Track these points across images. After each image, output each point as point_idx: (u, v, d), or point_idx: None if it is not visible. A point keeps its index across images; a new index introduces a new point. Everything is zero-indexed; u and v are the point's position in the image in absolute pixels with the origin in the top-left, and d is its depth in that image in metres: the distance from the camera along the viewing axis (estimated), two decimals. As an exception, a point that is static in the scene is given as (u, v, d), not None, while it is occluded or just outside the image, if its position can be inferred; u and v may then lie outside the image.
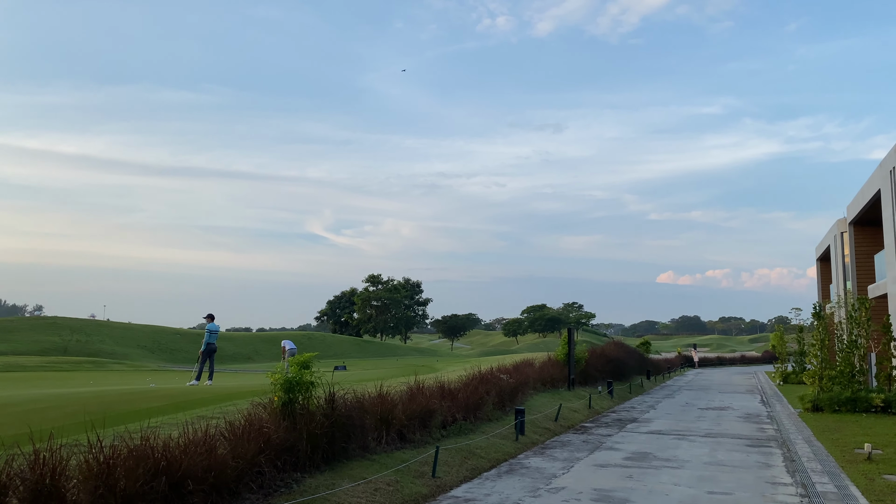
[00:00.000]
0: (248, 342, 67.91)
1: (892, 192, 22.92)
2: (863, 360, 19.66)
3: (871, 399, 18.52)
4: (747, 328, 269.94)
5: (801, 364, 35.15)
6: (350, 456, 9.39)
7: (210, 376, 19.46)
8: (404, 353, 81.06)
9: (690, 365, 58.69)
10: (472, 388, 14.15)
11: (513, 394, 16.01)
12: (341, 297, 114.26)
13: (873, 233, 31.21)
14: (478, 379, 15.09)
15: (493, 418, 14.15)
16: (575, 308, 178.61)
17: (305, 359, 9.50)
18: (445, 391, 13.38)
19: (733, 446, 13.44)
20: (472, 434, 12.52)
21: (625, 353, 30.77)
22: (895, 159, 22.52)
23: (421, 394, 12.30)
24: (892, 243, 23.22)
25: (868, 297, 20.43)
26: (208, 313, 19.31)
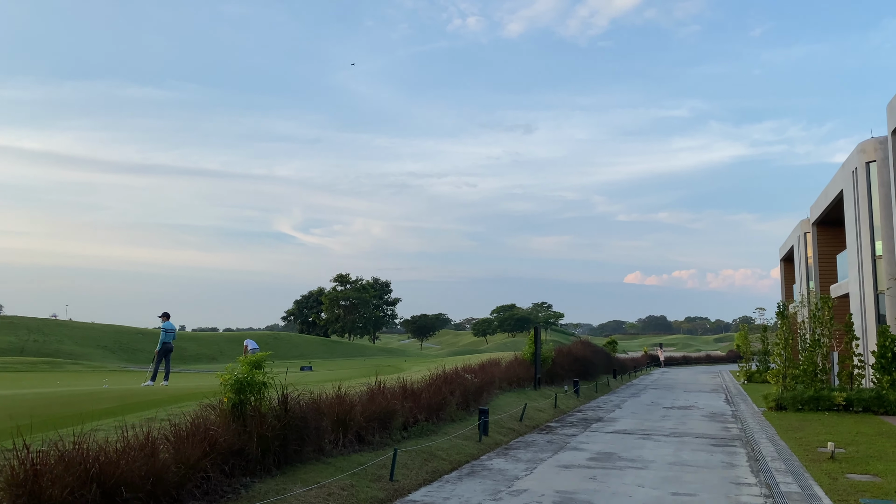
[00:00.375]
0: (213, 342, 66.75)
1: (854, 193, 23.17)
2: (825, 359, 19.80)
3: (833, 398, 18.63)
4: (712, 328, 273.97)
5: (764, 363, 35.54)
6: (304, 459, 9.01)
7: (166, 377, 18.86)
8: (372, 353, 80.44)
9: (657, 364, 59.15)
10: (436, 389, 13.83)
11: (477, 394, 15.74)
12: (309, 296, 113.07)
13: (836, 233, 31.64)
14: (441, 379, 14.78)
15: (456, 419, 13.85)
16: (544, 308, 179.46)
17: (258, 358, 9.09)
18: (408, 391, 13.04)
19: (698, 446, 13.33)
20: (435, 435, 12.21)
21: (591, 352, 30.74)
22: (857, 161, 22.77)
23: (381, 394, 11.95)
24: (854, 243, 23.48)
25: (831, 297, 20.60)
26: (164, 312, 18.72)
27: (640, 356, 59.74)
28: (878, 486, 9.40)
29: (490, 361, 21.59)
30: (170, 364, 19.04)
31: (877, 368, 19.02)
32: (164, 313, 18.72)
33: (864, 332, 22.02)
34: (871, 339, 21.69)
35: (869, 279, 21.99)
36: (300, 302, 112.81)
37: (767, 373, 33.22)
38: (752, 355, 40.54)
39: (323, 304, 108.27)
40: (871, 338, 21.70)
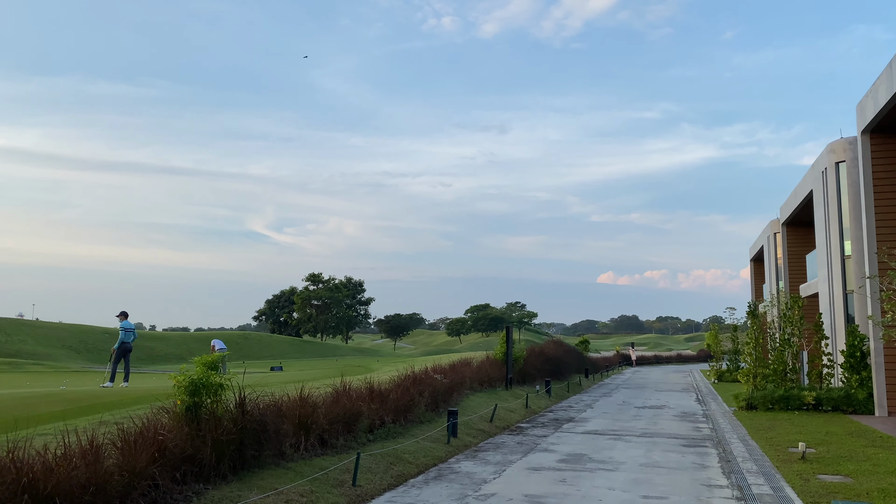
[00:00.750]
0: (182, 342, 65.61)
1: (824, 194, 23.29)
2: (795, 359, 19.83)
3: (803, 397, 18.65)
4: (683, 327, 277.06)
5: (735, 362, 35.75)
6: (263, 464, 8.62)
7: (126, 377, 18.27)
8: (345, 353, 79.77)
9: (628, 363, 59.41)
10: (404, 389, 13.50)
11: (447, 394, 15.43)
12: (281, 296, 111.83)
13: (805, 233, 31.90)
14: (410, 379, 14.45)
15: (425, 420, 13.53)
16: (518, 307, 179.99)
17: (213, 359, 8.69)
18: (374, 393, 12.69)
19: (669, 447, 13.17)
20: (402, 438, 11.88)
21: (564, 351, 30.63)
22: (827, 161, 22.89)
23: (347, 396, 11.59)
24: (823, 243, 23.61)
25: (801, 297, 20.65)
26: (121, 311, 18.15)
27: (612, 355, 59.94)
28: (849, 487, 9.28)
29: (461, 361, 21.32)
30: (129, 364, 18.44)
31: (846, 368, 19.08)
32: (121, 312, 18.14)
33: (833, 331, 22.14)
34: (839, 338, 21.80)
35: (838, 279, 22.10)
36: (272, 301, 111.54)
37: (738, 372, 33.45)
38: (722, 355, 40.77)
39: (295, 304, 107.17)
40: (839, 337, 21.81)
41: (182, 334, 71.64)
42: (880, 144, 18.43)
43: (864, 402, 18.15)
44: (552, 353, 28.10)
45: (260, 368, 53.46)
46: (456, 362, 20.64)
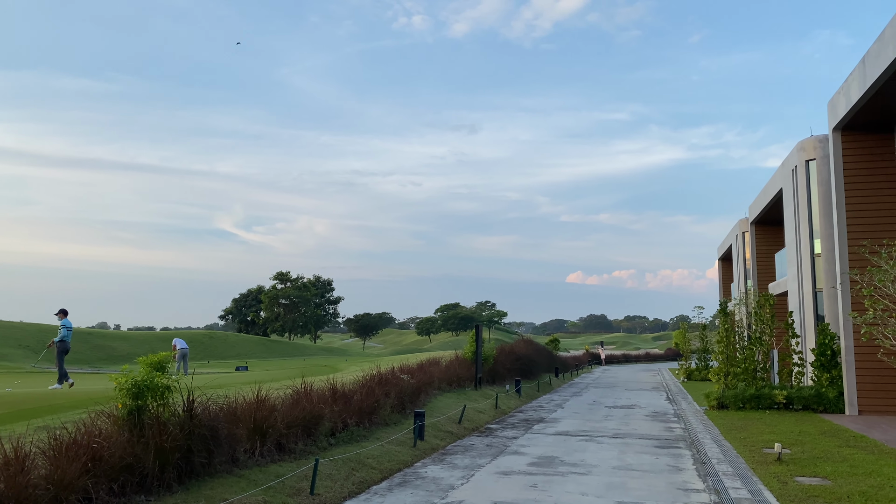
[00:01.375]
0: (145, 341, 64.00)
1: (793, 192, 23.25)
2: (766, 357, 19.69)
3: (774, 396, 18.49)
4: (651, 326, 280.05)
5: (704, 361, 35.78)
6: (213, 472, 8.00)
7: (66, 377, 17.37)
8: (313, 352, 78.68)
9: (598, 362, 59.44)
10: (369, 391, 12.94)
11: (414, 395, 14.90)
12: (248, 294, 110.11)
13: (774, 232, 31.99)
14: (376, 380, 13.89)
15: (391, 422, 12.98)
16: (488, 307, 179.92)
17: (159, 359, 8.06)
18: (338, 394, 12.11)
19: (642, 448, 12.80)
20: (366, 441, 11.32)
21: (534, 350, 30.29)
22: (797, 159, 22.84)
23: (307, 398, 10.99)
24: (792, 241, 23.57)
25: (771, 295, 20.53)
26: (61, 309, 17.27)
27: (581, 354, 59.94)
28: (829, 490, 8.96)
29: (430, 361, 20.80)
30: (63, 365, 17.53)
31: (816, 366, 18.98)
32: (61, 310, 17.26)
33: (802, 329, 22.09)
34: (809, 336, 21.75)
35: (808, 277, 22.05)
36: (239, 300, 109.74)
37: (709, 371, 33.47)
38: (691, 353, 40.88)
39: (263, 303, 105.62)
40: (809, 335, 21.76)
41: (145, 333, 70.01)
42: (852, 142, 18.34)
43: (835, 400, 18.05)
44: (522, 352, 27.72)
45: (225, 368, 52.33)
46: (424, 362, 20.12)
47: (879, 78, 14.93)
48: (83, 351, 58.51)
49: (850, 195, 18.25)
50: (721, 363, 19.73)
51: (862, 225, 18.10)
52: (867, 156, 18.28)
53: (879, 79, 14.98)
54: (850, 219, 18.19)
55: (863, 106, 16.77)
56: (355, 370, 24.69)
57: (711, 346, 37.28)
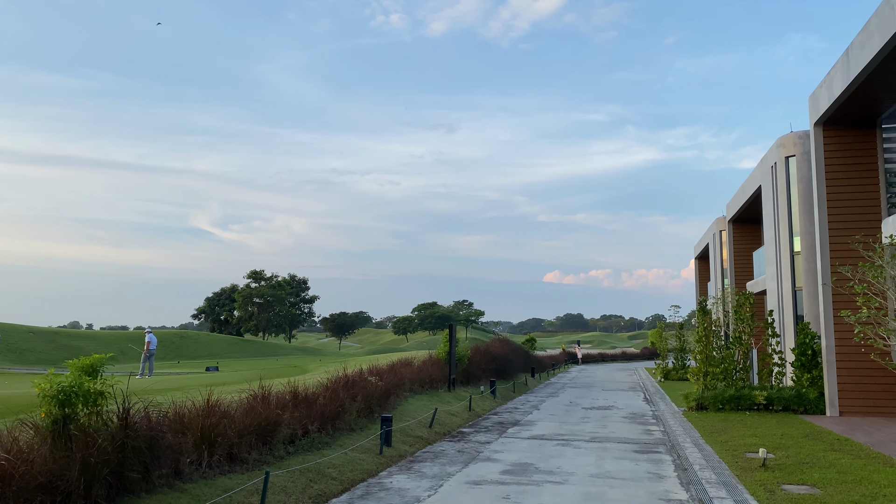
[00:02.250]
0: (113, 341, 62.46)
1: (773, 189, 22.88)
2: (745, 357, 19.26)
3: (754, 397, 18.04)
4: (626, 325, 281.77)
5: (681, 360, 35.46)
6: (152, 487, 7.23)
7: None
8: (287, 352, 77.47)
9: (574, 362, 59.10)
10: (333, 394, 12.20)
11: (383, 398, 14.18)
12: (221, 293, 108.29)
13: (752, 231, 31.72)
14: (341, 382, 13.14)
15: (356, 428, 12.25)
16: (465, 306, 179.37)
17: (92, 362, 7.27)
18: (299, 398, 11.36)
19: (621, 453, 12.21)
20: (328, 449, 10.58)
21: (510, 350, 29.67)
22: (776, 156, 22.47)
23: (264, 403, 10.23)
24: (772, 239, 23.21)
25: (752, 293, 20.10)
26: None
27: (558, 353, 59.57)
28: (819, 500, 8.41)
29: (401, 361, 20.08)
30: None
31: (796, 366, 18.57)
32: None
33: (782, 329, 21.72)
34: (788, 336, 21.39)
35: (787, 276, 21.69)
36: (212, 299, 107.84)
37: (686, 370, 33.13)
38: (667, 353, 40.58)
39: (236, 302, 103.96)
40: (788, 335, 21.41)
41: (114, 333, 68.36)
42: (834, 137, 17.94)
43: (816, 401, 17.64)
44: (498, 351, 27.08)
45: (195, 368, 51.10)
46: (395, 363, 19.40)
47: (864, 69, 14.50)
48: (47, 351, 56.90)
49: (831, 191, 17.86)
50: (700, 363, 19.24)
51: (843, 222, 17.72)
52: (849, 151, 17.90)
53: (864, 70, 14.55)
54: (832, 215, 17.79)
55: (846, 99, 16.35)
56: (324, 371, 23.88)
57: (689, 345, 37.00)
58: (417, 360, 20.95)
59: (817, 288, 20.49)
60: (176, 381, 25.99)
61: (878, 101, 16.55)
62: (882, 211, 17.50)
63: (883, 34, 13.42)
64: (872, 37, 13.97)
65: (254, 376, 29.34)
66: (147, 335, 29.63)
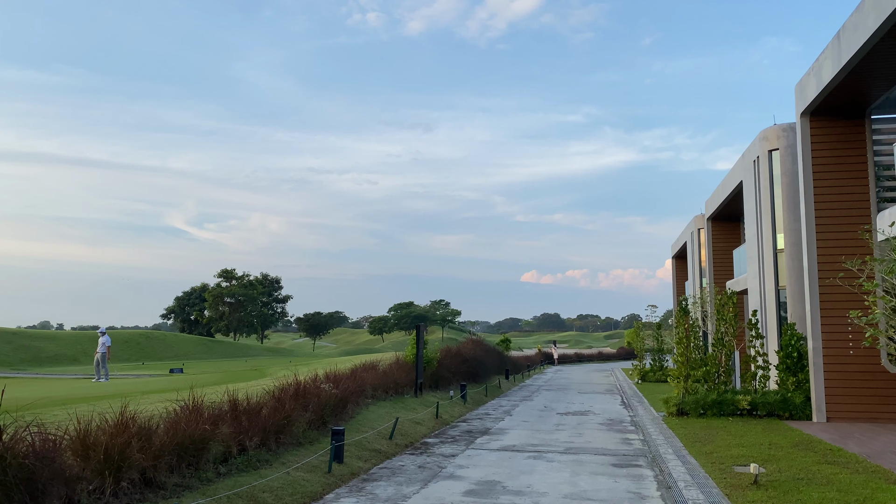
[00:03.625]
0: (75, 341, 60.34)
1: (755, 184, 21.99)
2: (728, 359, 18.30)
3: (737, 402, 17.09)
4: (603, 325, 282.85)
5: (658, 361, 34.62)
6: (33, 526, 5.94)
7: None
8: (257, 353, 75.69)
9: (551, 362, 58.20)
10: (279, 403, 10.94)
11: (339, 407, 12.94)
12: (191, 293, 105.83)
13: (731, 228, 30.94)
14: (291, 391, 11.87)
15: (305, 442, 11.01)
16: (442, 306, 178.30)
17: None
18: (239, 409, 10.10)
19: (598, 467, 11.11)
20: (268, 468, 9.33)
21: (482, 351, 28.50)
22: (759, 149, 21.58)
23: (193, 416, 8.95)
24: (753, 236, 22.34)
25: (735, 292, 19.17)
26: None
27: (534, 354, 58.64)
28: (824, 527, 7.36)
29: (365, 365, 18.84)
30: None
31: (781, 369, 17.67)
32: None
33: (765, 329, 20.83)
34: (772, 337, 20.51)
35: (770, 274, 20.81)
36: (182, 299, 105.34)
37: (664, 371, 32.28)
38: (644, 353, 39.77)
39: (206, 301, 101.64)
40: (771, 336, 20.52)
41: (76, 333, 66.15)
42: (821, 128, 17.04)
43: (802, 406, 16.73)
44: (470, 353, 25.91)
45: (158, 371, 49.36)
46: (357, 367, 18.16)
47: (857, 53, 13.55)
48: (6, 353, 54.74)
49: (818, 185, 16.95)
50: (680, 365, 18.24)
51: (831, 217, 16.83)
52: (837, 143, 17.01)
53: (857, 54, 13.61)
54: (819, 210, 16.89)
55: (835, 87, 15.44)
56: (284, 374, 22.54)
57: (667, 345, 36.20)
58: (383, 363, 19.73)
59: (803, 287, 19.63)
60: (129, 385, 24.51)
61: (869, 89, 15.66)
62: (871, 206, 16.64)
63: (879, 13, 12.47)
64: (867, 17, 13.02)
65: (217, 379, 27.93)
66: (101, 336, 28.05)
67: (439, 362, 21.67)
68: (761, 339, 18.20)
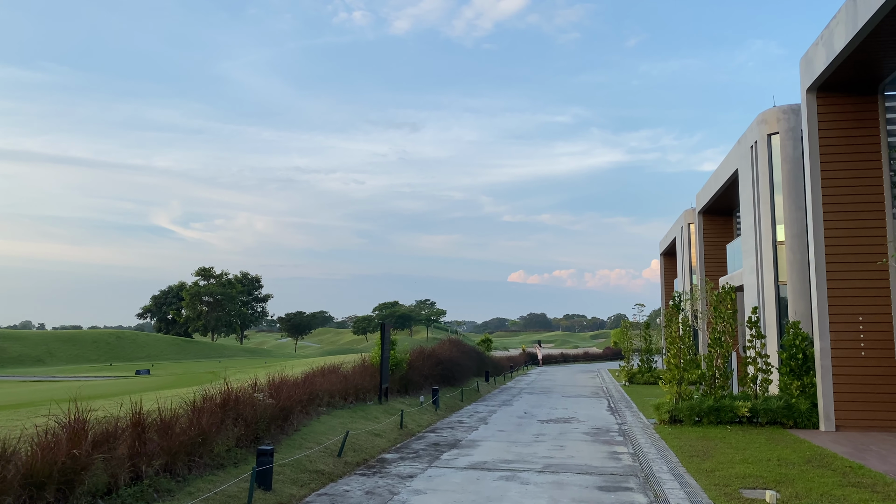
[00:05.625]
0: (41, 341, 57.99)
1: (752, 171, 20.34)
2: (725, 361, 16.62)
3: (736, 408, 15.42)
4: (589, 325, 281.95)
5: (647, 362, 32.98)
6: None
7: None
8: (234, 353, 73.48)
9: (535, 363, 56.49)
10: (199, 417, 9.09)
11: (279, 419, 11.09)
12: (168, 291, 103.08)
13: (724, 222, 29.37)
14: (220, 401, 10.01)
15: (229, 463, 9.16)
16: (427, 305, 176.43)
17: None
18: (143, 424, 8.23)
19: (580, 491, 9.33)
20: (168, 499, 7.48)
21: (460, 352, 26.65)
22: (757, 134, 19.93)
23: (75, 434, 7.08)
24: (750, 228, 20.70)
25: (733, 288, 17.49)
26: None
27: (518, 354, 56.91)
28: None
29: (325, 369, 17.00)
30: None
31: (784, 372, 16.01)
32: None
33: (763, 329, 19.18)
34: (771, 336, 18.87)
35: (769, 269, 19.16)
36: (159, 298, 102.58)
37: (652, 373, 30.61)
38: (632, 353, 38.13)
39: (184, 301, 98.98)
40: (770, 335, 18.88)
41: (42, 333, 63.70)
42: (830, 105, 15.39)
43: (807, 413, 15.08)
44: (446, 355, 24.06)
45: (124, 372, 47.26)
46: (315, 371, 16.31)
47: (878, 13, 11.87)
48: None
49: (826, 169, 15.30)
50: (673, 368, 16.51)
51: (840, 203, 15.18)
52: (846, 122, 15.36)
53: (877, 14, 11.92)
54: (827, 196, 15.24)
55: (847, 58, 13.77)
56: (240, 378, 20.63)
57: (655, 345, 34.58)
58: (347, 367, 17.89)
59: (806, 282, 18.00)
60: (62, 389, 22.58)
61: (885, 59, 14.00)
62: (885, 191, 15.00)
63: (907, -38, 10.80)
64: (890, -31, 11.34)
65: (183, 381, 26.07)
66: None
67: (410, 364, 19.85)
68: (763, 338, 16.52)
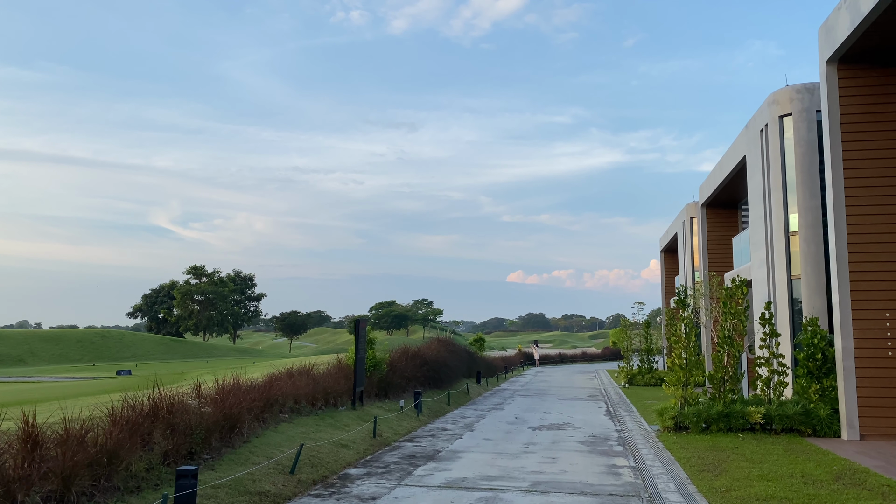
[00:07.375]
0: (24, 341, 56.38)
1: (762, 157, 18.81)
2: (736, 362, 15.10)
3: (748, 414, 13.91)
4: (588, 325, 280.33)
5: (647, 363, 31.47)
6: None
7: None
8: (224, 353, 71.90)
9: (531, 363, 54.95)
10: (119, 429, 7.56)
11: (218, 430, 9.54)
12: (160, 290, 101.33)
13: (729, 215, 27.86)
14: (144, 409, 8.47)
15: (150, 484, 7.62)
16: (424, 305, 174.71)
17: None
18: (36, 439, 6.71)
19: (574, 519, 7.81)
20: (51, 538, 5.94)
21: (448, 352, 25.05)
22: (768, 115, 18.41)
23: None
24: (759, 218, 19.19)
25: (744, 280, 15.98)
26: None
27: (513, 354, 55.40)
28: None
29: (295, 370, 15.47)
30: None
31: (801, 375, 14.50)
32: None
33: (776, 326, 17.65)
34: (784, 334, 17.35)
35: (782, 261, 17.65)
36: (150, 296, 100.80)
37: (653, 374, 29.11)
38: (631, 353, 36.62)
39: (175, 299, 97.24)
40: (783, 333, 17.36)
41: (24, 332, 62.09)
42: (853, 78, 13.88)
43: (828, 420, 13.58)
44: (432, 355, 22.49)
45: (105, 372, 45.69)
46: (281, 372, 14.77)
47: (915, -38, 10.37)
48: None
49: (848, 149, 13.80)
50: (678, 369, 14.99)
51: (863, 187, 13.69)
52: (872, 96, 13.85)
53: (915, -35, 10.42)
54: (849, 180, 13.74)
55: (875, 21, 12.24)
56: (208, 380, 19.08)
57: (656, 345, 33.10)
58: (321, 368, 16.36)
59: (821, 275, 16.49)
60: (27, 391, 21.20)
61: (916, 24, 12.50)
62: (914, 173, 13.50)
63: None
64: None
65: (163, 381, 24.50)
66: None
67: (391, 365, 18.31)
68: (777, 336, 15.00)
